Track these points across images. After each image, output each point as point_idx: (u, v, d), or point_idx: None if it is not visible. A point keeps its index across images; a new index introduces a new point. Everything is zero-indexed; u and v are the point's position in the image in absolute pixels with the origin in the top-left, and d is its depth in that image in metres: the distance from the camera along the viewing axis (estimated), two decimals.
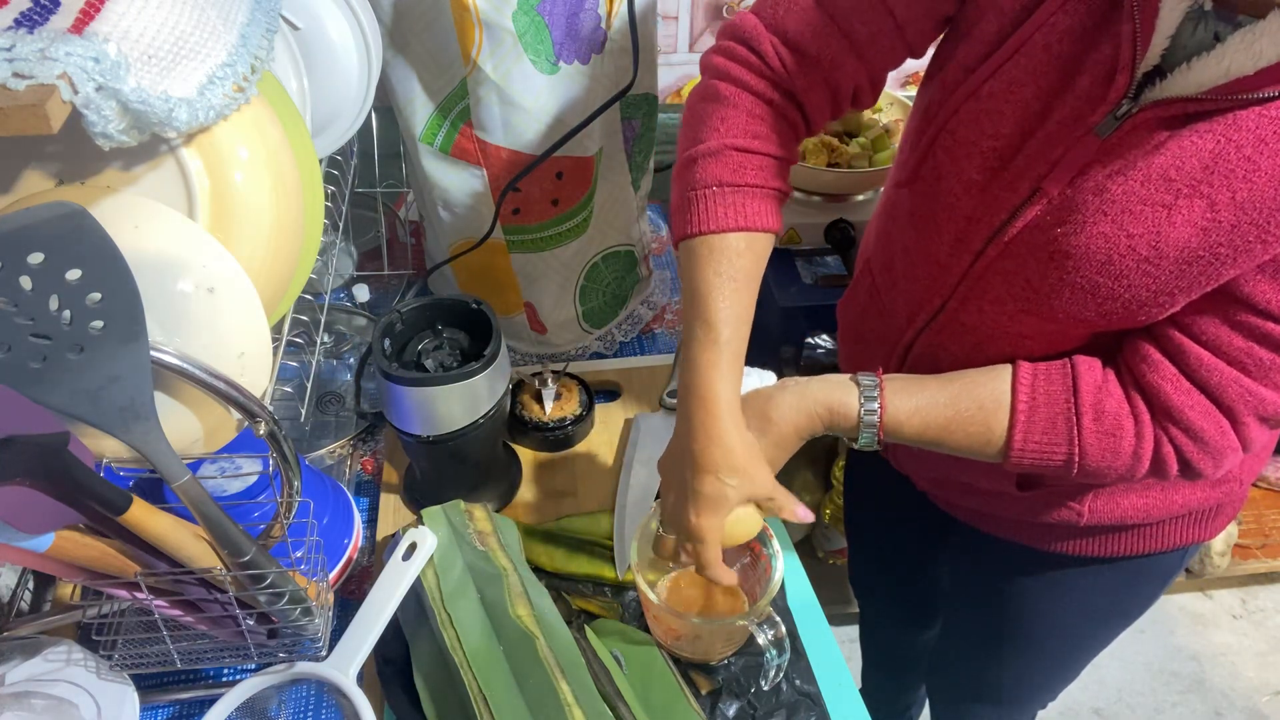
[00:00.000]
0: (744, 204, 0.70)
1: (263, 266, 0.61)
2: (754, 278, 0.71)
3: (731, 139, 0.71)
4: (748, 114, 0.71)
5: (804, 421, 0.73)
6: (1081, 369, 0.68)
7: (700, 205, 0.71)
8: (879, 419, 0.71)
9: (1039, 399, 0.69)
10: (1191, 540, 0.87)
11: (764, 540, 0.79)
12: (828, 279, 1.40)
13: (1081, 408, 0.67)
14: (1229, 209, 0.58)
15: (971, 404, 0.70)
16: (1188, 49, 0.58)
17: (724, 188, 0.70)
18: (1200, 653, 1.93)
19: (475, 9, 0.86)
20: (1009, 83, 0.64)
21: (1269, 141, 0.56)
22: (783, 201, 0.74)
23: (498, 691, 0.72)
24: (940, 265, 0.74)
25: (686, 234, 0.72)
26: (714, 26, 1.49)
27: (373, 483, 1.03)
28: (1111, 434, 0.67)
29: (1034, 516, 0.85)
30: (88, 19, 0.48)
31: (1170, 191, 0.59)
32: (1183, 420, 0.65)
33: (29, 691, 0.69)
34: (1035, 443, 0.69)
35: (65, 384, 0.52)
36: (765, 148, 0.71)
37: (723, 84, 0.72)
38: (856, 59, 0.70)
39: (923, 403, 0.71)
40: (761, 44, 0.70)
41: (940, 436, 0.71)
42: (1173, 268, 0.61)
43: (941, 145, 0.70)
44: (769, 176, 0.72)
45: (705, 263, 0.70)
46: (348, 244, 1.23)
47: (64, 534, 0.58)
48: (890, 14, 0.68)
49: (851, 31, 0.69)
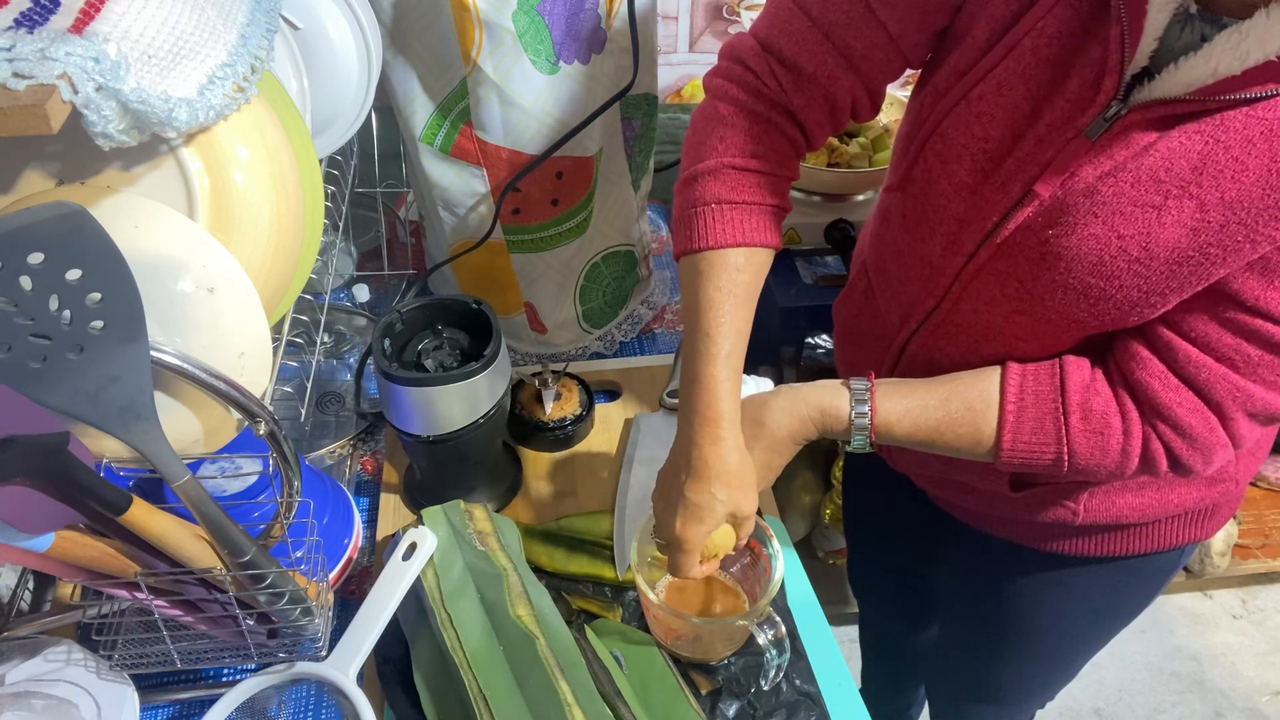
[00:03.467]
0: (742, 220, 0.72)
1: (263, 266, 0.61)
2: (753, 292, 0.73)
3: (729, 158, 0.73)
4: (745, 134, 0.73)
5: (797, 426, 0.75)
6: (1070, 369, 0.69)
7: (699, 222, 0.72)
8: (870, 422, 0.73)
9: (1027, 399, 0.70)
10: (1188, 540, 0.87)
11: (764, 540, 0.80)
12: (828, 279, 1.40)
13: (1069, 407, 0.68)
14: (1218, 209, 0.58)
15: (961, 405, 0.72)
16: (1175, 51, 0.59)
17: (722, 205, 0.72)
18: (1200, 653, 1.93)
19: (475, 9, 0.86)
20: (998, 86, 0.65)
21: (1256, 142, 0.56)
22: (781, 217, 0.76)
23: (498, 691, 0.72)
24: (933, 267, 0.75)
25: (686, 250, 0.73)
26: (714, 27, 1.49)
27: (373, 483, 1.03)
28: (1099, 432, 0.68)
29: (1030, 516, 0.85)
30: (88, 19, 0.48)
31: (1160, 193, 0.60)
32: (1171, 417, 0.66)
33: (29, 691, 0.69)
34: (1024, 443, 0.70)
35: (65, 384, 0.52)
36: (763, 166, 0.73)
37: (722, 104, 0.74)
38: (853, 74, 0.71)
39: (913, 405, 0.73)
40: (758, 64, 0.72)
41: (931, 438, 0.73)
42: (1163, 268, 0.61)
43: (933, 149, 0.71)
44: (766, 194, 0.73)
45: (705, 278, 0.72)
46: (348, 244, 1.23)
47: (64, 534, 0.58)
48: (883, 28, 0.69)
49: (846, 47, 0.70)
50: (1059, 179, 0.63)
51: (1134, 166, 0.60)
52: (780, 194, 0.75)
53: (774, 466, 0.77)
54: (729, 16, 1.48)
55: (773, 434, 0.75)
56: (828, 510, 1.77)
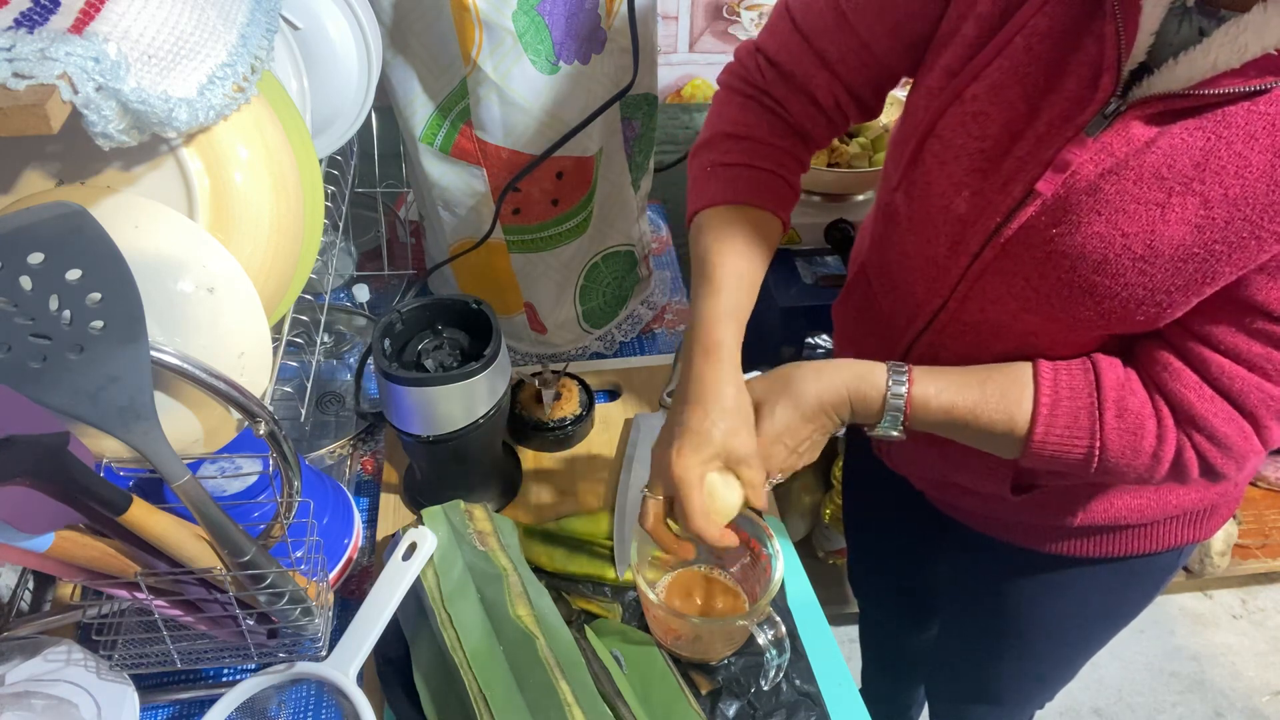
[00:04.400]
0: (734, 179, 0.78)
1: (263, 266, 0.61)
2: (753, 243, 0.76)
3: (721, 127, 0.81)
4: (737, 108, 0.81)
5: (827, 390, 0.72)
6: (1103, 365, 0.69)
7: (697, 186, 0.80)
8: (907, 394, 0.71)
9: (1062, 392, 0.69)
10: (1187, 540, 0.87)
11: (764, 540, 0.80)
12: (828, 279, 1.40)
13: (1105, 403, 0.67)
14: (1222, 205, 0.58)
15: (996, 391, 0.70)
16: (1173, 45, 0.58)
17: (716, 167, 0.79)
18: (1200, 653, 1.93)
19: (475, 9, 0.86)
20: (992, 86, 0.65)
21: (1259, 136, 0.56)
22: (779, 180, 0.79)
23: (498, 691, 0.72)
24: (939, 266, 0.75)
25: (690, 213, 0.80)
26: (714, 26, 1.49)
27: (373, 483, 1.03)
28: (1133, 432, 0.67)
29: (1030, 517, 0.85)
30: (88, 19, 0.48)
31: (1163, 190, 0.59)
32: (1207, 427, 0.65)
33: (29, 691, 0.69)
34: (1056, 435, 0.68)
35: (65, 384, 0.52)
36: (752, 133, 0.79)
37: (720, 91, 0.84)
38: (828, 73, 0.77)
39: (949, 385, 0.71)
40: (750, 60, 0.81)
41: (966, 419, 0.71)
42: (1168, 265, 0.61)
43: (930, 150, 0.71)
44: (756, 157, 0.79)
45: (704, 232, 0.77)
46: (348, 244, 1.23)
47: (64, 534, 0.58)
48: (855, 33, 0.74)
49: (822, 50, 0.76)
50: (1061, 177, 0.63)
51: (1136, 164, 0.60)
52: (772, 159, 0.79)
53: (797, 433, 0.73)
54: (729, 16, 1.48)
55: (802, 393, 0.72)
56: (828, 510, 1.77)
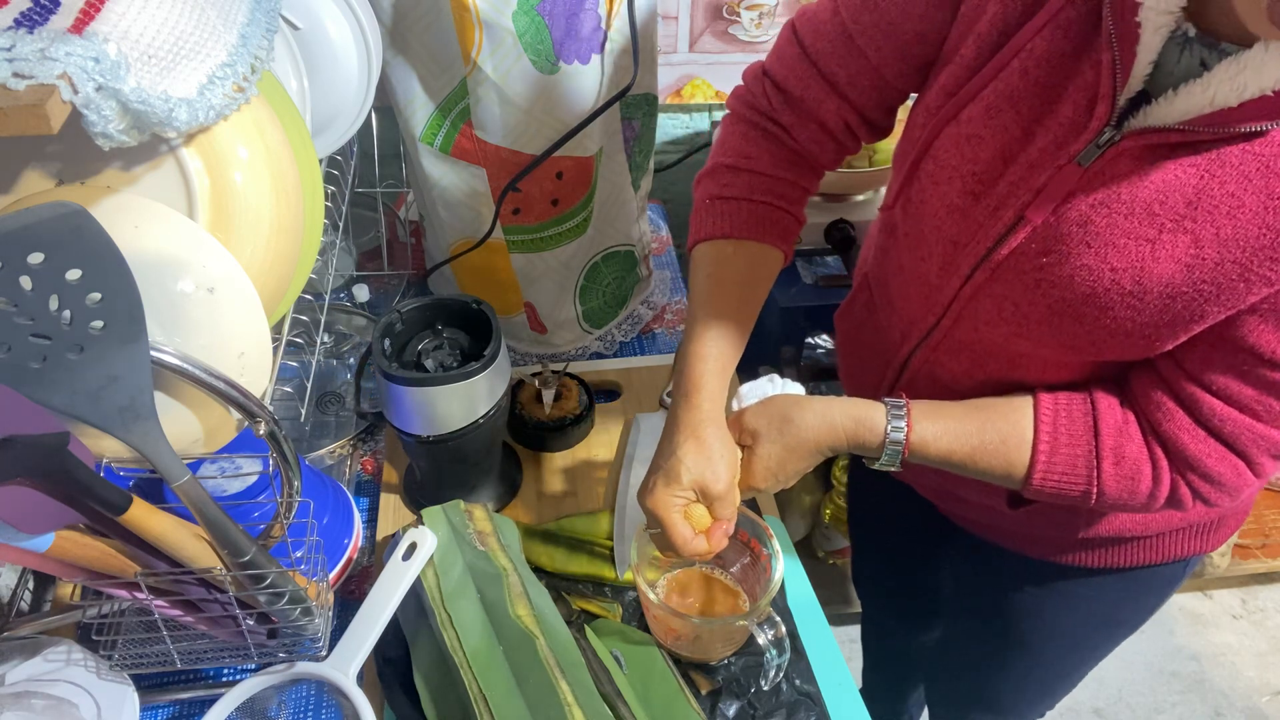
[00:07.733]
0: (732, 214, 0.78)
1: (263, 266, 0.61)
2: (745, 280, 0.77)
3: (722, 159, 0.80)
4: (740, 137, 0.80)
5: (825, 432, 0.72)
6: (1102, 408, 0.68)
7: (697, 216, 0.80)
8: (905, 437, 0.71)
9: (1060, 438, 0.69)
10: (1192, 552, 0.86)
11: (764, 540, 0.80)
12: (828, 279, 1.40)
13: (1102, 451, 0.68)
14: (1213, 245, 0.57)
15: (995, 436, 0.70)
16: (1175, 75, 0.57)
17: (714, 200, 0.79)
18: (1200, 653, 1.93)
19: (475, 9, 0.86)
20: (987, 108, 0.64)
21: (1253, 178, 0.55)
22: (778, 212, 0.79)
23: (498, 691, 0.72)
24: (932, 285, 0.74)
25: (690, 245, 0.80)
26: (714, 26, 1.48)
27: (373, 483, 1.03)
28: (1130, 478, 0.67)
29: (1032, 529, 0.85)
30: (88, 19, 0.48)
31: (1154, 225, 0.58)
32: (1200, 467, 0.66)
33: (29, 691, 0.69)
34: (1055, 479, 0.69)
35: (65, 384, 0.52)
36: (752, 165, 0.78)
37: (728, 117, 0.83)
38: (838, 98, 0.76)
39: (948, 429, 0.71)
40: (757, 86, 0.80)
41: (964, 463, 0.71)
42: (1157, 302, 0.60)
43: (925, 169, 0.70)
44: (755, 190, 0.78)
45: (698, 268, 0.79)
46: (348, 244, 1.23)
47: (64, 534, 0.59)
48: (864, 56, 0.72)
49: (831, 74, 0.75)
50: (1052, 205, 0.62)
51: (1128, 197, 0.59)
52: (773, 193, 0.78)
53: (786, 468, 0.74)
54: (729, 16, 1.47)
55: (798, 434, 0.72)
56: (828, 510, 1.77)
